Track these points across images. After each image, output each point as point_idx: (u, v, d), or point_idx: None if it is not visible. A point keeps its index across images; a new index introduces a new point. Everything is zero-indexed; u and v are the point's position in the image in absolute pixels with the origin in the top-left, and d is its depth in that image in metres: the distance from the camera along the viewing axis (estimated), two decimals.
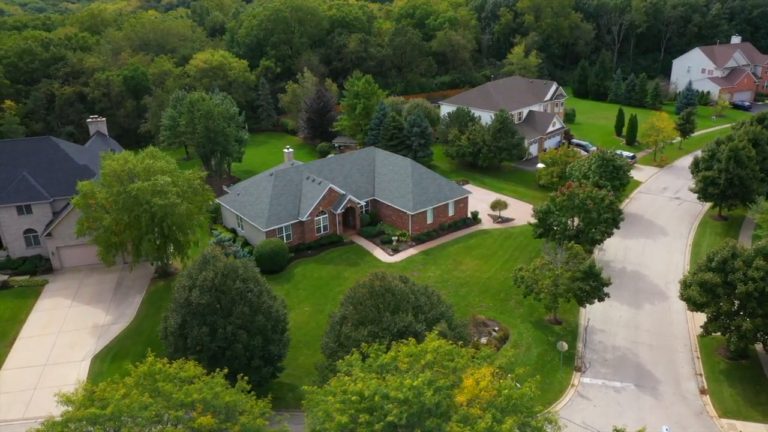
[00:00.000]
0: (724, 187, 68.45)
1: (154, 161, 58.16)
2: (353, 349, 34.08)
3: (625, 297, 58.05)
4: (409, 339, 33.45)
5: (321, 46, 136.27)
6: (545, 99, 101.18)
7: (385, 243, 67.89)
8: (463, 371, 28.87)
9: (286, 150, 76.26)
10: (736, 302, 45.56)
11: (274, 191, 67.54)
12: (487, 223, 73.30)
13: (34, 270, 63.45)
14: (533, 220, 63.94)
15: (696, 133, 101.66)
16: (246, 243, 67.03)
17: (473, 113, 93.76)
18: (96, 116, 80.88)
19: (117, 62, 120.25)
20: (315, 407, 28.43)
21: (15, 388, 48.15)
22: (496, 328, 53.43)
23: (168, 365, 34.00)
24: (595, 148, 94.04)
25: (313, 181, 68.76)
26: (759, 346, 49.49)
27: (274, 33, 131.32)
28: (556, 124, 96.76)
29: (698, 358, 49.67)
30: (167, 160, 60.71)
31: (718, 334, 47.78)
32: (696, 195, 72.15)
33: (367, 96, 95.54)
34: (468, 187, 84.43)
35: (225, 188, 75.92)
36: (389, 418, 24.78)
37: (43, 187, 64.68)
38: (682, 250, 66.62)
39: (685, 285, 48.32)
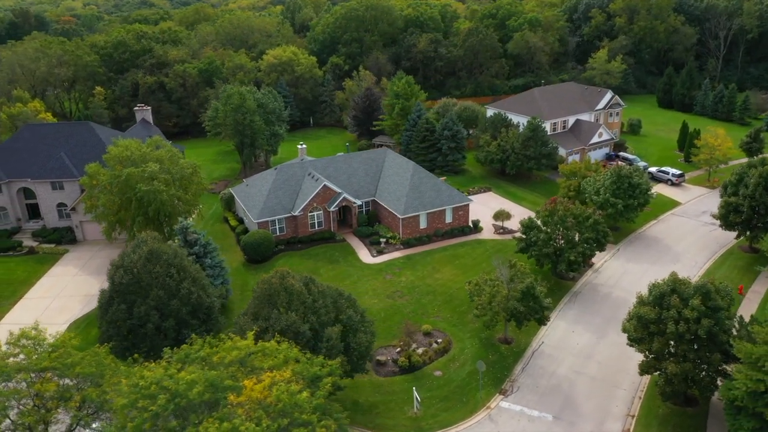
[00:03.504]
0: (749, 215, 61.47)
1: (152, 150, 63.02)
2: (193, 337, 35.85)
3: (594, 324, 54.46)
4: (232, 336, 34.33)
5: (393, 45, 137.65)
6: (597, 108, 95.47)
7: (373, 244, 68.49)
8: (262, 372, 29.55)
9: (299, 146, 78.99)
10: (671, 342, 41.53)
11: (273, 185, 70.47)
12: (487, 233, 71.33)
13: (60, 240, 71.28)
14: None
15: None
16: (245, 231, 70.68)
17: (511, 119, 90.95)
18: (142, 105, 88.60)
19: (200, 55, 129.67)
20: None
21: (3, 339, 54.99)
22: (439, 340, 52.47)
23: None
24: (643, 164, 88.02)
25: (313, 177, 70.82)
26: (717, 394, 44.61)
27: (347, 31, 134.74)
28: (603, 135, 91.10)
29: (640, 398, 45.79)
30: (169, 149, 65.52)
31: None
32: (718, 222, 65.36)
33: (406, 96, 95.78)
34: (487, 195, 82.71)
35: (244, 179, 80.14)
36: (151, 408, 26.25)
37: (75, 166, 72.32)
38: None
39: (629, 317, 44.72)
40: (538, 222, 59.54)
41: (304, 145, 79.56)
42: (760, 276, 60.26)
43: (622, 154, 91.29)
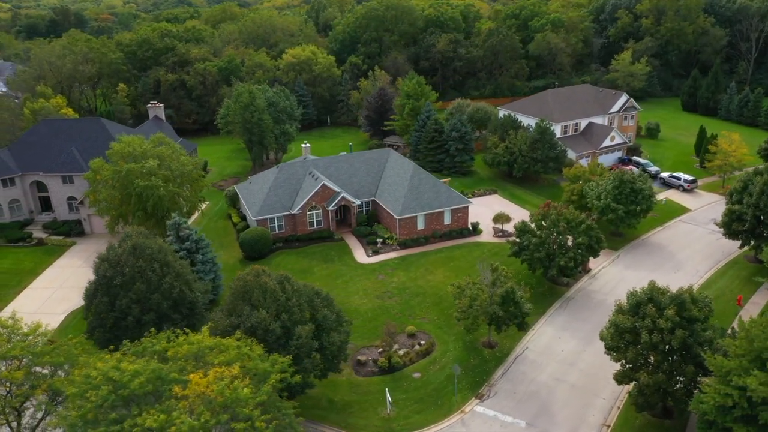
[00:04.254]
0: (752, 224, 59.64)
1: (154, 146, 64.43)
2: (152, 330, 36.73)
3: (583, 331, 53.64)
4: (188, 331, 35.02)
5: (412, 45, 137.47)
6: (611, 111, 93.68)
7: (370, 244, 68.71)
8: (212, 366, 30.11)
9: (303, 145, 79.67)
10: (646, 352, 40.65)
11: (274, 183, 71.31)
12: (486, 236, 70.85)
13: (69, 232, 73.45)
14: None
15: None
16: (246, 228, 71.65)
17: (521, 121, 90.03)
18: (155, 102, 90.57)
19: (221, 54, 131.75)
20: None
21: None
22: (422, 342, 52.42)
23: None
24: (655, 168, 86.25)
25: (313, 176, 71.40)
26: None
27: (366, 30, 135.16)
28: (616, 138, 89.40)
29: (618, 408, 44.96)
30: (172, 146, 66.87)
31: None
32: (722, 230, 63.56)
33: (416, 97, 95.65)
34: (492, 197, 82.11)
35: (249, 177, 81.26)
36: (92, 399, 27.06)
37: (85, 161, 74.34)
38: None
39: (608, 325, 43.94)
40: (532, 226, 58.92)
41: (308, 144, 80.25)
42: (761, 287, 58.40)
43: (634, 158, 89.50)
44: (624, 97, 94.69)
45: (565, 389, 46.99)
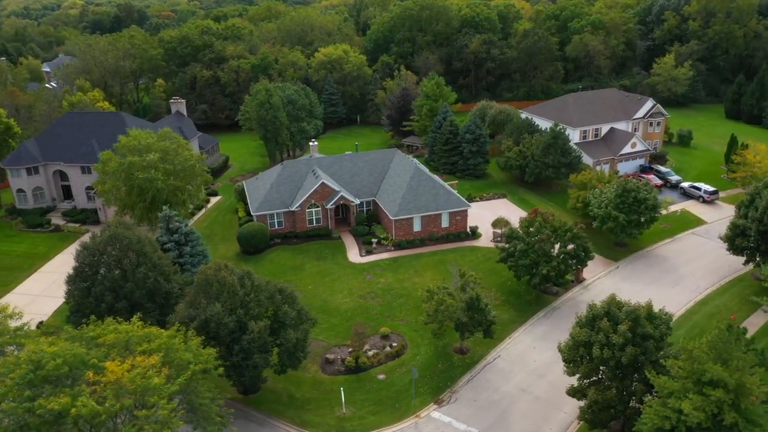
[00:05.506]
0: (756, 240, 56.55)
1: (158, 141, 66.75)
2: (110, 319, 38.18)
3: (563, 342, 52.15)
4: (119, 320, 36.27)
5: (446, 45, 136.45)
6: (635, 116, 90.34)
7: (365, 244, 68.99)
8: (134, 355, 31.25)
9: (311, 143, 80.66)
10: (599, 367, 39.38)
11: (277, 180, 72.60)
12: (484, 241, 69.90)
13: (85, 220, 77.03)
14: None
15: None
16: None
17: (538, 125, 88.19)
18: (177, 98, 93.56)
19: (257, 51, 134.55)
20: None
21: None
22: (394, 344, 52.36)
23: None
24: (676, 178, 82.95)
25: (314, 174, 72.25)
26: None
27: (400, 30, 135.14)
28: (637, 145, 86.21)
29: (579, 423, 43.62)
30: (177, 141, 69.08)
31: None
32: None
33: (434, 98, 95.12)
34: (500, 201, 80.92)
35: (258, 174, 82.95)
36: (11, 376, 28.62)
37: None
38: (679, 307, 56.88)
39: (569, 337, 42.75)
40: (520, 232, 57.80)
41: (315, 143, 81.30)
42: (761, 307, 55.26)
43: (655, 166, 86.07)
44: (650, 103, 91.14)
45: (528, 400, 45.99)
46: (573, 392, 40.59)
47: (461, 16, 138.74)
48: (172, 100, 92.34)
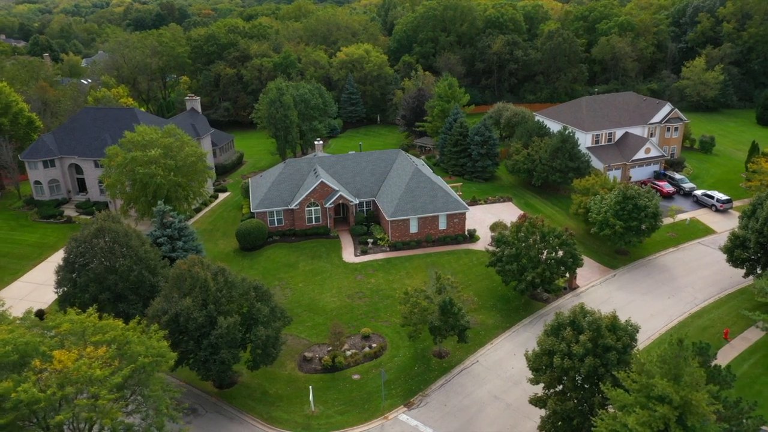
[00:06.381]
0: (755, 252, 54.45)
1: (162, 137, 68.31)
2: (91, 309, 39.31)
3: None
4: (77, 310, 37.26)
5: (469, 46, 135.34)
6: (651, 121, 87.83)
7: (361, 244, 69.15)
8: (86, 345, 32.19)
9: (317, 141, 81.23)
10: (560, 377, 38.63)
11: (278, 178, 73.43)
12: (482, 244, 69.08)
13: (95, 213, 79.26)
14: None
15: None
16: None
17: (549, 128, 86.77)
18: (192, 95, 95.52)
19: (281, 50, 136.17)
20: None
21: (12, 295, 63.04)
22: (374, 345, 52.38)
23: None
24: (690, 185, 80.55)
25: (315, 173, 72.79)
26: None
27: (423, 30, 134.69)
28: (651, 151, 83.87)
29: None
30: (181, 138, 70.54)
31: None
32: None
33: (446, 99, 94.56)
34: (505, 204, 79.98)
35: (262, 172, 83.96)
36: None
37: None
38: (671, 319, 55.22)
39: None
40: (509, 236, 57.04)
41: (320, 141, 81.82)
42: (758, 321, 53.11)
43: (668, 173, 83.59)
44: (667, 107, 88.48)
45: (498, 407, 45.41)
46: (536, 401, 39.89)
47: (486, 16, 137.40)
48: (187, 98, 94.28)
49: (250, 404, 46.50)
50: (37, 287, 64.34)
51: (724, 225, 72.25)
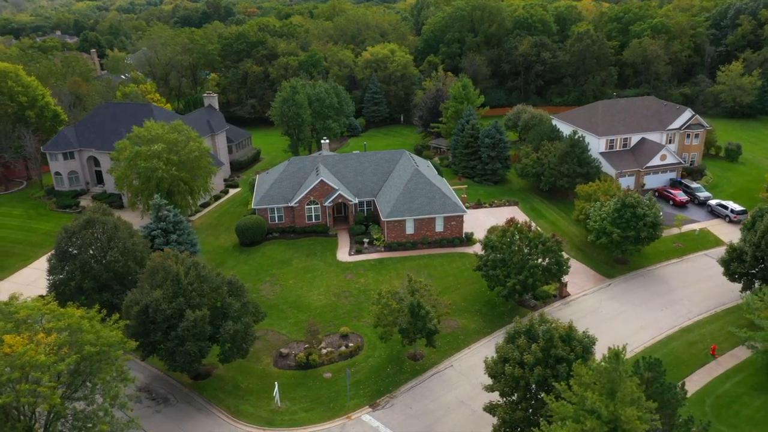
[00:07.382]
0: (751, 265, 52.17)
1: (168, 133, 70.14)
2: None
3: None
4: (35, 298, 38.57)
5: (496, 47, 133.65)
6: (670, 127, 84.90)
7: (357, 243, 69.42)
8: (38, 331, 33.58)
9: (323, 141, 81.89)
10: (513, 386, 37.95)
11: (281, 175, 74.47)
12: (478, 248, 68.23)
13: (110, 204, 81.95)
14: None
15: None
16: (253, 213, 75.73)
17: (562, 132, 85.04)
18: (210, 92, 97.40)
19: (309, 48, 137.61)
20: None
21: (20, 281, 65.96)
22: (351, 344, 52.59)
23: None
24: (705, 194, 77.76)
25: (316, 172, 73.45)
26: None
27: (450, 31, 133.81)
28: (667, 158, 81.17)
29: None
30: (186, 133, 72.24)
31: None
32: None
33: (460, 100, 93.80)
34: (511, 208, 78.92)
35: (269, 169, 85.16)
36: None
37: None
38: (661, 332, 53.43)
39: None
40: (495, 241, 56.32)
41: (326, 140, 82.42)
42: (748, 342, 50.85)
43: (684, 181, 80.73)
44: (687, 113, 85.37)
45: (463, 413, 44.96)
46: (489, 409, 39.35)
47: (515, 17, 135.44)
48: (205, 95, 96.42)
49: (220, 396, 47.40)
50: (44, 274, 66.54)
51: (736, 237, 69.23)
